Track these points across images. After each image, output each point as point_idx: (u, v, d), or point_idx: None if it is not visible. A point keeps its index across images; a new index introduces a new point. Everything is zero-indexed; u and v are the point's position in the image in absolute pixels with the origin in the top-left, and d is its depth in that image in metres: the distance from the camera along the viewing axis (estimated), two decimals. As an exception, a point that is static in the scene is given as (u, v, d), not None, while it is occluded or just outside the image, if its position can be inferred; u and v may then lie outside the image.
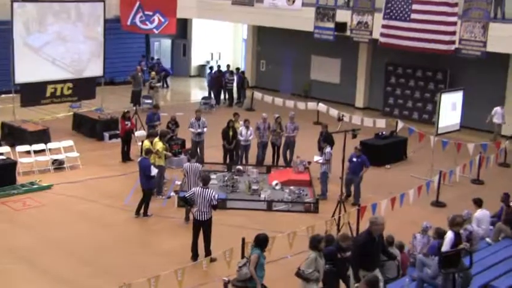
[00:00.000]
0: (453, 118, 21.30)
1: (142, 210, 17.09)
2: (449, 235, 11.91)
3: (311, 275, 11.31)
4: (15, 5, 23.02)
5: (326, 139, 19.62)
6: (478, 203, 14.91)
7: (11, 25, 22.89)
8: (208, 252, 14.30)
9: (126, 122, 21.88)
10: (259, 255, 11.76)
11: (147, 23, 30.39)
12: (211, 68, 34.46)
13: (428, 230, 13.81)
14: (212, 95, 31.68)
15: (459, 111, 21.44)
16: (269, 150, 21.66)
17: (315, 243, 11.53)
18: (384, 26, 25.96)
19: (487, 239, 14.45)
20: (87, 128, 24.75)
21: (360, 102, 31.63)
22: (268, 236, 12.16)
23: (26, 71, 23.45)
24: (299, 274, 11.42)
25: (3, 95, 27.65)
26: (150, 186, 17.37)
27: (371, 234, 11.00)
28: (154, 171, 17.18)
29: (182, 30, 37.85)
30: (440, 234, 13.08)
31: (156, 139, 18.54)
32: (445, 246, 11.80)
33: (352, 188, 18.48)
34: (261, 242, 11.91)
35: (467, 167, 20.15)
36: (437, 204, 18.64)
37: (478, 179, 20.90)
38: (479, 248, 13.85)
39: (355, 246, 11.34)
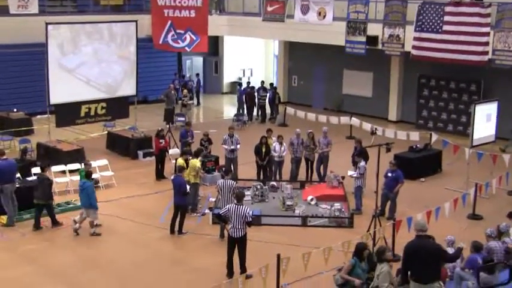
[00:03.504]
0: (488, 129, 21.07)
1: (177, 228, 17.15)
2: None
3: None
4: (50, 27, 23.33)
5: (360, 154, 19.52)
6: None
7: (45, 47, 23.21)
8: (243, 269, 14.25)
9: (161, 140, 22.02)
10: (354, 264, 11.69)
11: (179, 41, 30.73)
12: (240, 84, 34.60)
13: (454, 242, 13.64)
14: (243, 112, 31.73)
15: (494, 122, 21.21)
16: (302, 165, 21.62)
17: (380, 255, 11.46)
18: (415, 39, 25.93)
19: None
20: (121, 146, 24.94)
21: (393, 115, 31.47)
22: (365, 245, 12.26)
23: (60, 91, 23.71)
24: None
25: (38, 116, 28.06)
26: (185, 203, 17.45)
27: None
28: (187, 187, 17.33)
29: (214, 48, 38.09)
30: (477, 248, 12.95)
31: (193, 159, 18.62)
32: None
33: (387, 205, 18.34)
34: (357, 251, 11.91)
35: (503, 178, 19.88)
36: (474, 217, 18.41)
37: (515, 191, 20.65)
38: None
39: None
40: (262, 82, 33.13)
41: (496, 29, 23.70)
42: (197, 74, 37.06)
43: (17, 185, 18.23)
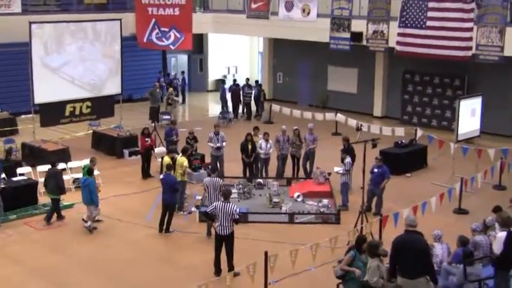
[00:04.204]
0: (473, 124, 21.20)
1: (165, 226, 17.13)
2: (502, 234, 11.81)
3: (377, 283, 11.16)
4: (34, 26, 23.26)
5: (346, 151, 19.55)
6: (497, 211, 14.78)
7: (29, 46, 23.10)
8: (231, 267, 14.25)
9: (146, 139, 21.97)
10: (354, 257, 11.67)
11: (163, 39, 30.69)
12: (223, 82, 34.57)
13: (441, 237, 13.71)
14: (227, 109, 31.70)
15: (479, 117, 21.34)
16: (289, 162, 21.63)
17: (373, 249, 11.41)
18: (399, 34, 26.03)
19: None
20: (107, 145, 24.86)
21: (378, 111, 31.54)
22: (365, 237, 12.18)
23: (45, 91, 23.65)
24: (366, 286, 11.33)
25: (23, 116, 27.92)
26: (174, 202, 17.51)
27: None
28: None
29: (198, 46, 38.02)
30: (463, 242, 13.02)
31: (179, 156, 18.59)
32: (498, 246, 11.67)
33: (374, 201, 18.39)
34: (357, 243, 11.89)
35: (488, 172, 20.00)
36: (460, 211, 18.51)
37: (500, 185, 20.74)
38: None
39: None
40: (247, 79, 33.11)
41: (480, 24, 23.82)
42: (182, 72, 37.01)
43: (2, 186, 18.13)
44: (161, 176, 17.67)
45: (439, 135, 23.79)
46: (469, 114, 20.92)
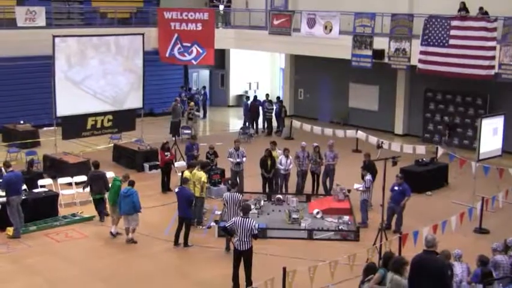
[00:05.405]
0: (494, 143, 21.04)
1: (183, 241, 17.13)
2: None
3: None
4: (57, 39, 23.45)
5: (366, 167, 19.49)
6: None
7: (52, 59, 23.31)
8: (249, 282, 14.20)
9: (166, 153, 22.03)
10: (383, 275, 11.56)
11: (186, 54, 30.86)
12: (247, 97, 34.65)
13: (461, 256, 13.56)
14: (249, 125, 31.75)
15: (500, 136, 21.17)
16: (308, 178, 21.60)
17: (396, 266, 11.20)
18: (422, 53, 25.95)
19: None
20: (127, 159, 24.96)
21: (399, 129, 31.43)
22: (391, 255, 12.05)
23: (67, 104, 23.81)
24: None
25: (45, 128, 28.16)
26: (190, 216, 17.49)
27: None
28: None
29: (220, 61, 38.15)
30: (483, 262, 12.89)
31: (195, 170, 18.58)
32: None
33: (394, 219, 18.28)
34: (385, 261, 11.76)
35: (510, 192, 19.82)
36: (481, 231, 18.35)
37: (522, 205, 20.56)
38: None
39: None
40: (267, 95, 33.18)
41: (502, 43, 23.69)
42: (203, 87, 37.16)
43: (23, 197, 18.24)
44: (176, 190, 17.69)
45: (460, 154, 23.64)
46: (491, 134, 20.76)
